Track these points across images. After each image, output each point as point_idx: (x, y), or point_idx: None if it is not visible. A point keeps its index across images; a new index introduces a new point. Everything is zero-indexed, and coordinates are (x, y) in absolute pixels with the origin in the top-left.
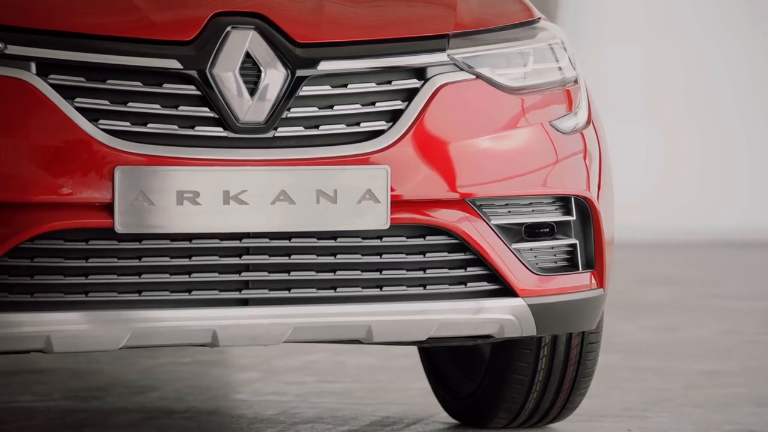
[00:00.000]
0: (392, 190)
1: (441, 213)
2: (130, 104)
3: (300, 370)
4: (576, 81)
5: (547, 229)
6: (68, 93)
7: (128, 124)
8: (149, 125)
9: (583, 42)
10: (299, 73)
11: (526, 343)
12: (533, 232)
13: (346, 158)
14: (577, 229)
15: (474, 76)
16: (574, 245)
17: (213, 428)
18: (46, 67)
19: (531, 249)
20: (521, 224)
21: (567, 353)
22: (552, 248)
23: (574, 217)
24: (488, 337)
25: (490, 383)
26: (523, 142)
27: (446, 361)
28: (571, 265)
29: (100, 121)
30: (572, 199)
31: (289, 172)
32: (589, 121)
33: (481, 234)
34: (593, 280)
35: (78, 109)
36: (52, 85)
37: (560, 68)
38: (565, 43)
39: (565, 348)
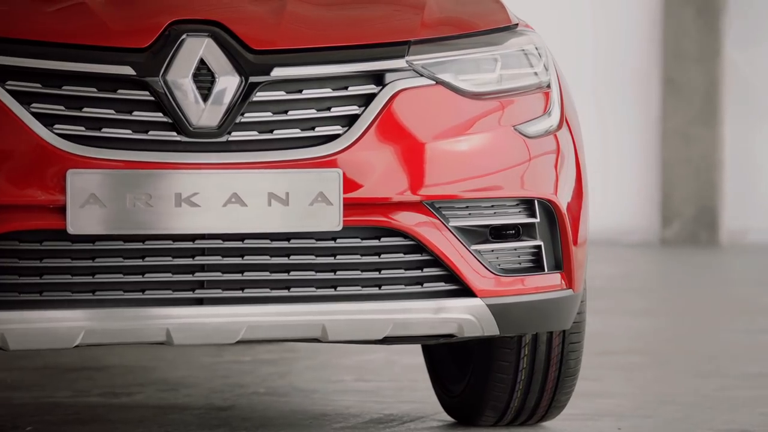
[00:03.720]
0: (346, 192)
1: (396, 215)
2: (85, 109)
3: (347, 368)
4: (549, 86)
5: (513, 231)
6: (24, 99)
7: (83, 128)
8: (103, 130)
9: (751, 41)
10: (252, 79)
11: (506, 343)
12: (499, 233)
13: (299, 162)
14: (543, 231)
15: (434, 82)
16: (539, 247)
17: (214, 424)
18: (3, 74)
19: (492, 250)
20: (483, 226)
21: (548, 353)
22: (515, 249)
23: (538, 219)
24: (450, 336)
25: (476, 382)
26: (483, 145)
27: (444, 359)
28: (536, 266)
29: (55, 126)
30: (535, 201)
31: (241, 175)
32: (561, 124)
33: (439, 235)
34: (562, 281)
35: (34, 114)
36: (9, 91)
37: (533, 74)
38: (540, 49)
39: (546, 348)
